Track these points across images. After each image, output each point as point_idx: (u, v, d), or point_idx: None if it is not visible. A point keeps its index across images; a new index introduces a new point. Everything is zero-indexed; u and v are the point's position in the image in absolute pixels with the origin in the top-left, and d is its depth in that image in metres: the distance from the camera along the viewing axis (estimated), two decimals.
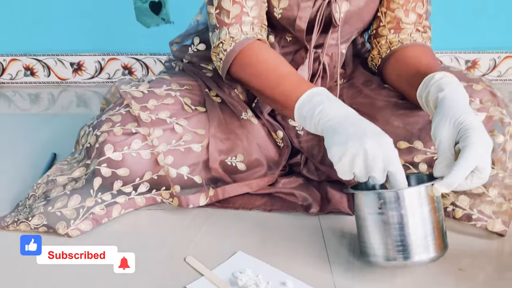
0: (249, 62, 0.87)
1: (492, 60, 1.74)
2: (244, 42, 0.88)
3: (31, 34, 1.72)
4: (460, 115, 0.70)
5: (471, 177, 0.68)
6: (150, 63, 1.75)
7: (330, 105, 0.74)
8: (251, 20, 0.89)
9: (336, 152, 0.69)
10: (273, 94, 0.83)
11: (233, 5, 0.88)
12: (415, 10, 0.95)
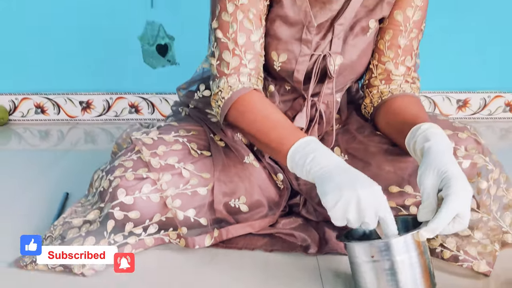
0: (245, 109, 0.94)
1: (483, 99, 1.82)
2: (241, 91, 0.94)
3: (42, 74, 1.81)
4: (444, 165, 0.77)
5: (453, 223, 0.74)
6: (156, 102, 1.83)
7: (322, 154, 0.81)
8: (248, 72, 0.96)
9: (331, 199, 0.75)
10: (268, 140, 0.89)
11: (233, 57, 0.95)
12: (404, 63, 1.03)
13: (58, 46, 1.78)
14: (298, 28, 0.98)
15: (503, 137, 1.74)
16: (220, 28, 0.95)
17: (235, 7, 0.94)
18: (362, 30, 1.00)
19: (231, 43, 0.95)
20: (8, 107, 1.83)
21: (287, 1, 0.96)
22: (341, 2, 0.97)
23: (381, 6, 0.99)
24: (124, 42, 1.76)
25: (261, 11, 0.96)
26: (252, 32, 0.95)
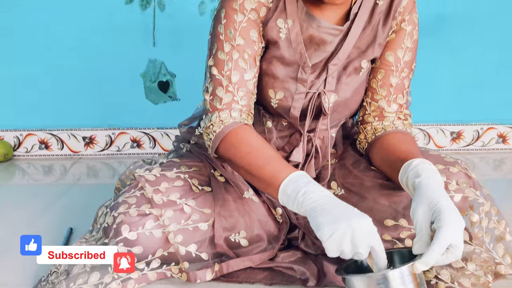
0: (237, 142, 0.97)
1: (476, 131, 1.86)
2: (232, 125, 0.98)
3: (46, 110, 1.86)
4: (434, 198, 0.81)
5: (447, 254, 0.77)
6: (158, 137, 1.87)
7: (313, 188, 0.84)
8: (240, 108, 1.00)
9: (327, 231, 0.77)
10: (260, 173, 0.91)
11: (226, 93, 0.99)
12: (396, 101, 1.08)
13: (62, 83, 1.83)
14: (294, 68, 1.03)
15: (497, 168, 1.77)
16: (216, 66, 1.00)
17: (232, 47, 0.98)
18: (355, 70, 1.05)
19: (225, 80, 0.99)
20: (13, 143, 1.87)
21: (283, 43, 1.01)
22: (335, 44, 1.02)
23: (372, 47, 1.04)
24: (126, 79, 1.82)
25: (256, 52, 1.00)
26: (245, 71, 0.99)
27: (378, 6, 1.02)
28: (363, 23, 1.02)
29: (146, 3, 1.75)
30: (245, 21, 0.98)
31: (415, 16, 1.05)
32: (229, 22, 0.98)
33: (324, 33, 1.00)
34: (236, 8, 0.98)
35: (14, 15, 1.76)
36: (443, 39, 1.78)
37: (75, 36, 1.78)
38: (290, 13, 0.99)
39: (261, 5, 0.99)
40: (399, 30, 1.04)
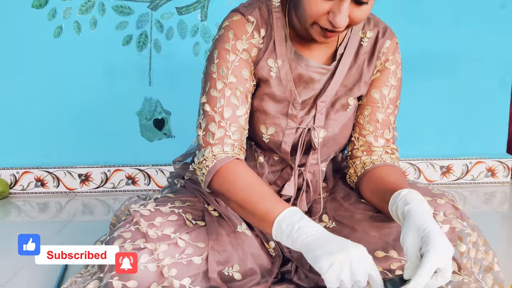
0: (229, 178, 0.98)
1: (465, 165, 1.90)
2: (224, 159, 1.00)
3: (43, 148, 1.88)
4: (422, 224, 0.83)
5: (436, 277, 0.79)
6: (152, 173, 1.89)
7: (307, 224, 0.86)
8: (232, 143, 1.02)
9: (325, 263, 0.79)
10: (254, 208, 0.93)
11: (218, 129, 1.02)
12: (383, 136, 1.12)
13: (59, 121, 1.86)
14: (284, 104, 1.07)
15: (487, 201, 1.80)
16: (209, 103, 1.03)
17: (224, 84, 1.02)
18: (342, 107, 1.09)
19: (218, 116, 1.02)
20: (9, 181, 1.89)
21: (274, 81, 1.06)
22: (323, 82, 1.07)
23: (358, 85, 1.09)
24: (122, 117, 1.86)
25: (248, 90, 1.04)
26: (237, 108, 1.02)
27: (363, 47, 1.08)
28: (349, 62, 1.07)
29: (143, 45, 1.81)
30: (237, 61, 1.03)
31: (398, 56, 1.11)
32: (222, 61, 1.03)
33: (312, 72, 1.05)
34: (229, 48, 1.02)
35: (13, 54, 1.81)
36: (428, 76, 1.84)
37: (73, 76, 1.83)
38: (280, 53, 1.04)
39: (252, 46, 1.04)
40: (383, 69, 1.09)
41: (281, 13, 1.05)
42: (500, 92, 1.89)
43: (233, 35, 1.03)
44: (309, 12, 0.93)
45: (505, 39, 1.85)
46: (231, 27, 1.03)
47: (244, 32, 1.03)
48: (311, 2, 0.92)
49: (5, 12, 1.77)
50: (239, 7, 1.06)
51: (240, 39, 1.02)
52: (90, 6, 1.78)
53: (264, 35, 1.04)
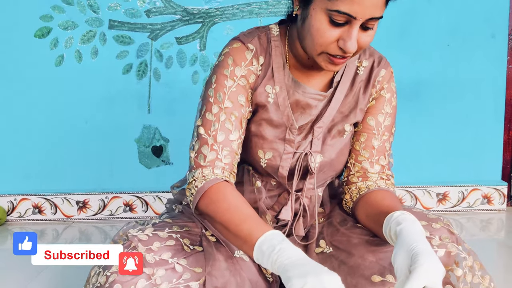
0: (215, 199, 1.00)
1: (461, 192, 1.91)
2: (214, 180, 1.01)
3: (41, 175, 1.89)
4: (412, 243, 0.84)
5: None
6: (150, 200, 1.90)
7: (287, 246, 0.86)
8: (223, 166, 1.03)
9: (296, 283, 0.79)
10: (237, 230, 0.94)
11: (211, 151, 1.03)
12: (378, 162, 1.13)
13: (57, 148, 1.88)
14: (281, 129, 1.09)
15: (484, 228, 1.81)
16: (203, 126, 1.05)
17: (220, 109, 1.04)
18: (338, 133, 1.11)
19: (211, 139, 1.03)
20: (7, 208, 1.89)
21: (272, 107, 1.08)
22: (320, 108, 1.09)
23: (354, 112, 1.11)
24: (121, 144, 1.88)
25: (243, 115, 1.06)
26: (231, 132, 1.04)
27: (359, 75, 1.11)
28: (345, 90, 1.10)
29: (143, 73, 1.85)
30: (234, 86, 1.05)
31: (393, 85, 1.14)
32: (219, 86, 1.05)
33: (309, 98, 1.08)
34: (227, 74, 1.05)
35: (14, 82, 1.85)
36: (423, 104, 1.87)
37: (73, 103, 1.85)
38: (278, 80, 1.07)
39: (250, 72, 1.07)
40: (379, 97, 1.12)
41: (279, 42, 1.08)
42: (493, 119, 1.92)
43: (232, 61, 1.05)
44: (319, 41, 0.95)
45: (496, 67, 1.89)
46: (230, 54, 1.06)
47: (243, 59, 1.06)
48: (320, 31, 0.95)
49: (8, 41, 1.81)
50: (239, 35, 1.10)
51: (239, 65, 1.05)
52: (92, 35, 1.82)
53: (262, 63, 1.07)
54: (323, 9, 0.94)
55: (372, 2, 0.91)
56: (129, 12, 1.81)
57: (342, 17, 0.92)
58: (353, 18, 0.92)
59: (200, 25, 1.82)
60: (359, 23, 0.93)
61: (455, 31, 1.87)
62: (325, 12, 0.94)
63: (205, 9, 1.81)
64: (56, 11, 1.81)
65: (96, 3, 1.80)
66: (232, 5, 1.82)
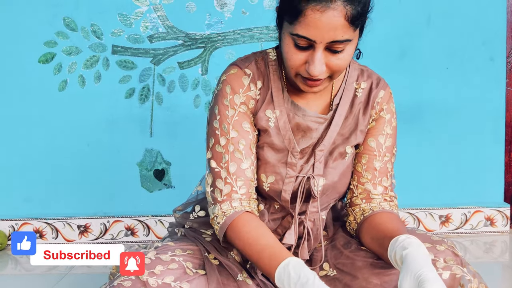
0: (237, 232, 1.02)
1: (463, 214, 1.90)
2: (233, 215, 1.03)
3: (42, 199, 1.89)
4: (419, 269, 0.84)
5: None
6: (152, 224, 1.89)
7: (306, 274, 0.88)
8: (239, 197, 1.05)
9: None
10: (258, 259, 0.97)
11: (225, 185, 1.05)
12: (381, 183, 1.13)
13: (59, 171, 1.88)
14: (284, 153, 1.09)
15: (488, 250, 1.79)
16: (214, 159, 1.06)
17: (227, 140, 1.05)
18: (340, 155, 1.12)
19: (224, 171, 1.05)
20: (8, 232, 1.88)
21: (273, 131, 1.09)
22: (320, 131, 1.10)
23: (355, 134, 1.12)
24: (123, 168, 1.88)
25: (251, 141, 1.07)
26: (242, 161, 1.05)
27: (358, 97, 1.12)
28: (344, 112, 1.11)
29: (145, 97, 1.86)
30: (236, 115, 1.06)
31: (392, 106, 1.15)
32: (223, 117, 1.07)
33: (309, 121, 1.08)
34: (227, 104, 1.07)
35: (17, 107, 1.86)
36: (424, 126, 1.88)
37: (75, 127, 1.86)
38: (277, 104, 1.08)
39: (249, 98, 1.08)
40: (378, 118, 1.13)
41: (277, 66, 1.10)
42: (494, 141, 1.93)
43: (231, 90, 1.07)
44: (289, 63, 0.98)
45: (495, 89, 1.91)
46: (228, 82, 1.08)
47: (240, 85, 1.07)
48: (288, 54, 0.97)
49: (13, 66, 1.84)
50: (236, 60, 1.12)
51: (237, 93, 1.07)
52: (95, 61, 1.85)
53: (260, 87, 1.09)
54: (288, 33, 0.96)
55: (329, 25, 0.92)
56: (132, 37, 1.84)
57: (302, 40, 0.94)
58: (312, 41, 0.94)
59: (202, 50, 1.85)
60: (320, 47, 0.94)
61: (453, 54, 1.89)
62: (290, 36, 0.96)
63: (207, 35, 1.84)
64: (60, 37, 1.83)
65: (100, 29, 1.83)
66: (233, 30, 1.85)
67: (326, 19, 0.91)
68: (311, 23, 0.92)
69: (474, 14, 1.87)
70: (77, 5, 1.81)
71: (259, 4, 1.84)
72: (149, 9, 1.82)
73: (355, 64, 1.14)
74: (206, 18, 1.84)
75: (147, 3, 1.82)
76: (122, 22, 1.83)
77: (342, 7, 0.91)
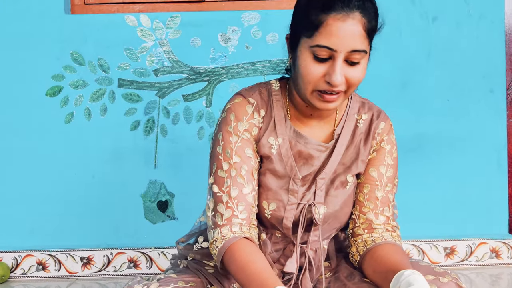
0: (232, 256, 1.01)
1: (468, 246, 1.89)
2: (232, 239, 1.03)
3: (46, 231, 1.89)
4: None
5: None
6: (154, 256, 1.88)
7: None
8: (240, 222, 1.05)
9: None
10: (248, 285, 0.96)
11: (226, 209, 1.06)
12: (383, 213, 1.14)
13: (63, 203, 1.89)
14: (285, 180, 1.10)
15: (494, 283, 1.77)
16: (216, 183, 1.08)
17: (230, 165, 1.07)
18: (341, 184, 1.13)
19: (225, 196, 1.06)
20: (11, 264, 1.88)
21: (275, 158, 1.10)
22: (322, 159, 1.12)
23: (356, 164, 1.13)
24: (126, 200, 1.89)
25: (253, 167, 1.09)
26: (244, 186, 1.07)
27: (359, 128, 1.14)
28: (346, 142, 1.13)
29: (150, 130, 1.89)
30: (239, 141, 1.09)
31: (392, 137, 1.17)
32: (226, 143, 1.09)
33: (311, 149, 1.10)
34: (231, 130, 1.09)
35: (22, 139, 1.88)
36: (427, 158, 1.89)
37: (79, 159, 1.88)
38: (280, 132, 1.11)
39: (252, 125, 1.10)
40: (379, 149, 1.15)
41: (280, 96, 1.13)
42: (497, 173, 1.93)
43: (234, 117, 1.10)
44: (307, 78, 1.00)
45: (496, 121, 1.92)
46: (232, 110, 1.11)
47: (244, 113, 1.10)
48: (307, 68, 1.00)
49: (21, 98, 1.87)
50: (241, 90, 1.15)
51: (240, 120, 1.09)
52: (101, 94, 1.88)
53: (264, 115, 1.11)
54: (307, 47, 0.99)
55: (349, 33, 0.96)
56: (138, 71, 1.88)
57: (323, 51, 0.97)
58: (333, 50, 0.97)
59: (206, 83, 1.89)
60: (341, 56, 0.97)
61: (454, 86, 1.92)
62: (309, 50, 0.99)
63: (211, 68, 1.88)
64: (68, 71, 1.88)
65: (106, 63, 1.87)
66: (237, 64, 1.89)
67: (347, 28, 0.96)
68: (333, 32, 0.96)
69: (473, 47, 1.90)
70: (85, 40, 1.86)
71: (262, 39, 1.89)
72: (155, 44, 1.87)
73: (356, 97, 1.17)
74: (211, 53, 1.88)
75: (153, 38, 1.87)
76: (129, 56, 1.87)
77: (360, 17, 0.97)
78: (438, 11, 1.88)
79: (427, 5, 1.88)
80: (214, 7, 1.93)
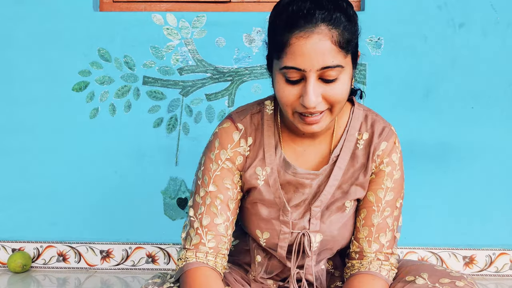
0: (188, 282, 1.01)
1: (488, 256, 1.86)
2: (193, 264, 1.02)
3: (67, 223, 1.93)
4: None
5: None
6: (173, 252, 1.91)
7: None
8: (206, 250, 1.03)
9: None
10: None
11: (195, 235, 1.04)
12: (378, 240, 1.07)
13: (86, 197, 1.93)
14: (276, 209, 1.08)
15: None
16: (193, 207, 1.07)
17: (206, 193, 1.05)
18: (338, 209, 1.08)
19: (197, 222, 1.04)
20: (32, 254, 1.92)
21: (263, 188, 1.07)
22: (316, 184, 1.06)
23: (355, 189, 1.07)
24: (147, 196, 1.91)
25: (230, 198, 1.06)
26: (216, 216, 1.04)
27: (359, 149, 1.07)
28: (344, 165, 1.07)
29: (172, 127, 1.92)
30: (218, 170, 1.06)
31: (395, 157, 1.07)
32: (206, 170, 1.07)
33: (300, 178, 1.06)
34: (212, 157, 1.07)
35: (47, 133, 1.92)
36: (449, 165, 1.87)
37: (103, 154, 1.92)
38: (269, 161, 1.06)
39: (237, 154, 1.07)
40: (378, 172, 1.07)
41: (272, 121, 1.07)
42: None
43: (219, 144, 1.06)
44: (283, 101, 0.95)
45: None
46: (218, 136, 1.08)
47: (230, 140, 1.06)
48: (280, 91, 0.95)
49: (48, 93, 1.91)
50: (232, 112, 1.11)
51: (224, 148, 1.06)
52: (126, 90, 1.92)
53: (251, 143, 1.07)
54: (278, 69, 0.94)
55: (315, 50, 0.88)
56: (163, 69, 1.91)
57: (293, 72, 0.91)
58: (302, 70, 0.90)
59: (229, 83, 1.91)
60: (312, 75, 0.90)
61: (479, 94, 1.89)
62: (280, 73, 0.93)
63: (235, 68, 1.90)
64: (94, 67, 1.92)
65: (132, 60, 1.91)
66: (260, 65, 1.90)
67: (312, 45, 0.88)
68: (297, 51, 0.89)
69: (500, 55, 1.87)
70: (112, 38, 1.90)
71: None
72: (180, 43, 1.90)
73: (359, 110, 1.09)
74: (235, 53, 1.89)
75: (178, 37, 1.90)
76: (154, 54, 1.90)
77: (327, 31, 0.89)
78: (465, 18, 1.85)
79: (454, 12, 1.85)
80: (239, 7, 1.95)
